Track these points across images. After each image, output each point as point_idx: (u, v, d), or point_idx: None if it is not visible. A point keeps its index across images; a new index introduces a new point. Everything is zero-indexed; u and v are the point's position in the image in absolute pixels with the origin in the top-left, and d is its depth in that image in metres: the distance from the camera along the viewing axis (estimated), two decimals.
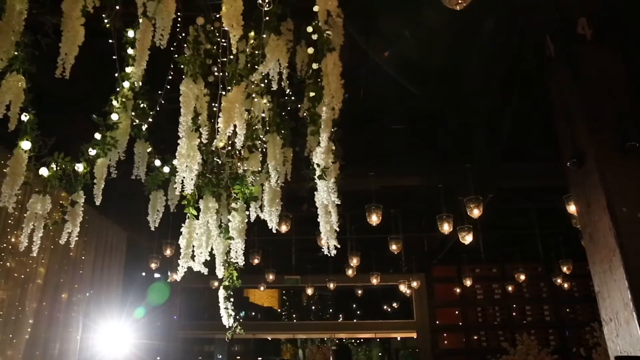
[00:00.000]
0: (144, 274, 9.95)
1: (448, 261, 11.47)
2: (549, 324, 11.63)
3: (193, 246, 3.49)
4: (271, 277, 9.54)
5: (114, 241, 8.57)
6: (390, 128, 6.18)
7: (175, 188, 3.38)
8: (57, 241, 6.92)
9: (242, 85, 3.24)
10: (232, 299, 4.79)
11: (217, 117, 3.44)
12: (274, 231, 4.02)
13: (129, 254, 9.10)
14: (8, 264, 6.03)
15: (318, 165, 3.01)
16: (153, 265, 8.29)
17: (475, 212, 5.51)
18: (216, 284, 9.89)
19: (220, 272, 4.80)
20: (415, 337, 11.94)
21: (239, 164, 3.70)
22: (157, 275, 10.55)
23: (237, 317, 4.90)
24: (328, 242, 4.48)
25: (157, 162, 3.82)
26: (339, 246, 4.33)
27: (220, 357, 17.55)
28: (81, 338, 7.21)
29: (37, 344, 6.44)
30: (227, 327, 4.77)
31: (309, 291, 10.75)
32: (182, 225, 3.46)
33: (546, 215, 9.97)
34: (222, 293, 4.76)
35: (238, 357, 20.53)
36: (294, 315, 18.59)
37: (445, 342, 11.76)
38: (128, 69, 3.30)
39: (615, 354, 2.99)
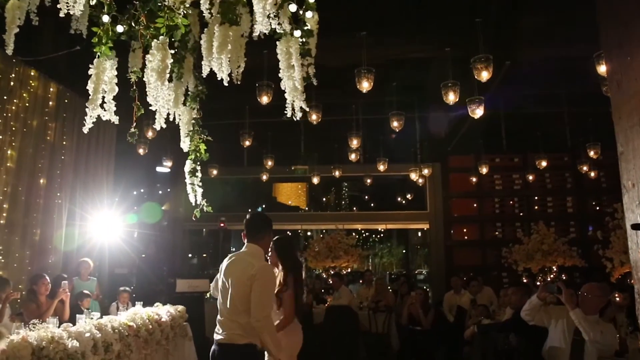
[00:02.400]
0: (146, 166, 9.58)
1: (465, 150, 10.72)
2: (570, 217, 10.97)
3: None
4: (270, 163, 9.01)
5: (101, 127, 8.05)
6: None
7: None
8: (29, 124, 6.47)
9: None
10: (198, 174, 4.27)
11: None
12: (225, 83, 3.35)
13: (123, 141, 8.62)
14: None
15: None
16: (141, 151, 7.79)
17: (484, 75, 4.65)
18: (215, 172, 9.47)
19: (185, 144, 4.25)
20: (427, 228, 11.51)
21: None
22: (160, 168, 10.20)
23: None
24: (293, 104, 3.76)
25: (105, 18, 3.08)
26: (306, 109, 3.64)
27: (234, 249, 17.81)
28: (66, 224, 6.93)
29: (15, 230, 6.16)
30: (193, 204, 4.30)
31: (315, 180, 10.23)
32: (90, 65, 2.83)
33: (576, 98, 8.95)
34: (187, 167, 4.22)
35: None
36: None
37: (459, 233, 11.32)
38: None
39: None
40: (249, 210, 15.17)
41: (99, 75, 2.88)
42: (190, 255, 13.36)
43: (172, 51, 3.13)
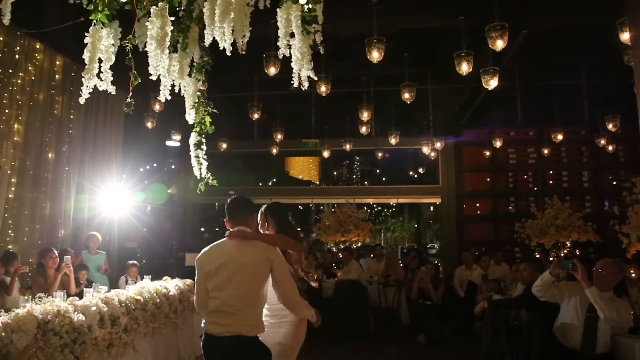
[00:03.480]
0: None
1: (479, 123, 10.49)
2: (586, 191, 10.74)
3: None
4: (279, 136, 8.89)
5: (109, 100, 7.97)
6: None
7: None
8: (35, 97, 6.42)
9: None
10: (203, 147, 4.19)
11: None
12: (228, 53, 3.25)
13: (132, 116, 8.54)
14: None
15: None
16: (149, 125, 7.71)
17: (499, 44, 4.44)
18: (224, 145, 9.39)
19: (190, 116, 4.17)
20: (439, 202, 11.37)
21: None
22: (170, 142, 10.14)
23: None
24: (299, 73, 3.64)
25: None
26: (314, 78, 3.52)
27: None
28: (75, 198, 6.93)
29: (24, 204, 6.16)
30: (197, 177, 4.22)
31: (325, 153, 10.11)
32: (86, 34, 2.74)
33: (595, 69, 8.67)
34: (192, 139, 4.14)
35: None
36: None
37: (471, 208, 11.17)
38: None
39: None
40: (260, 184, 15.17)
41: (95, 43, 2.78)
42: (202, 229, 13.42)
43: (173, 19, 3.02)
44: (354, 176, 16.65)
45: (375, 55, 4.61)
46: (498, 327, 4.82)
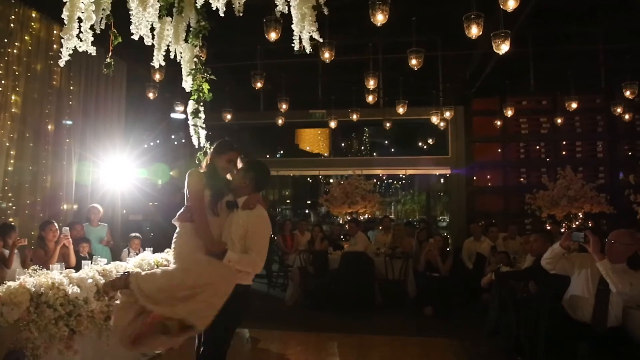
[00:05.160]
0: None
1: (490, 92, 10.19)
2: (600, 162, 10.45)
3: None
4: (284, 106, 8.69)
5: (110, 71, 7.78)
6: None
7: None
8: (33, 68, 6.27)
9: None
10: (201, 115, 4.07)
11: None
12: (222, 14, 3.10)
13: (136, 88, 8.39)
14: None
15: None
16: (150, 95, 7.54)
17: (510, 4, 4.17)
18: (229, 116, 9.22)
19: (187, 83, 4.07)
20: (449, 173, 11.17)
21: None
22: (174, 115, 9.99)
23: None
24: (300, 35, 3.48)
25: None
26: (319, 39, 3.36)
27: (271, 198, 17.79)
28: (77, 171, 6.84)
29: (24, 177, 6.09)
30: (195, 146, 4.10)
31: (332, 124, 9.89)
32: None
33: (612, 34, 8.27)
34: (190, 107, 4.02)
35: (288, 201, 20.96)
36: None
37: (481, 179, 10.96)
38: None
39: None
40: (267, 156, 15.03)
41: (74, 1, 2.61)
42: None
43: None
44: (362, 147, 16.46)
45: (380, 18, 4.37)
46: (506, 299, 4.70)
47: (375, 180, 10.67)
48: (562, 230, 7.82)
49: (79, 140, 6.97)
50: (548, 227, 8.08)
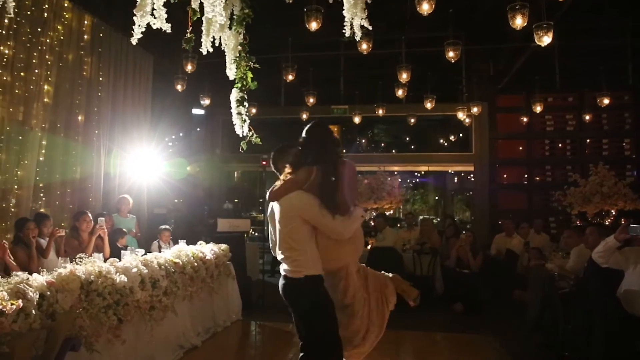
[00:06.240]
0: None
1: (515, 89, 10.08)
2: (627, 160, 10.30)
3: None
4: (311, 100, 8.59)
5: (138, 63, 7.76)
6: None
7: None
8: (64, 58, 6.21)
9: None
10: (246, 104, 4.02)
11: None
12: None
13: (160, 82, 8.34)
14: (4, 78, 5.35)
15: None
16: (179, 87, 7.48)
17: None
18: (254, 110, 9.14)
19: (231, 71, 4.00)
20: (472, 170, 11.04)
21: None
22: (196, 110, 9.94)
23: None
24: (352, 21, 3.41)
25: None
26: (369, 27, 3.29)
27: None
28: (105, 162, 6.79)
29: (55, 167, 6.03)
30: (240, 135, 4.04)
31: (357, 119, 9.80)
32: None
33: None
34: (234, 95, 3.96)
35: None
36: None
37: (505, 176, 10.83)
38: None
39: None
40: None
41: None
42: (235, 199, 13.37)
43: None
44: (374, 145, 16.33)
45: (426, 7, 4.28)
46: (551, 295, 4.59)
47: (396, 173, 10.44)
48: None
49: (108, 131, 6.92)
50: (578, 224, 7.95)
